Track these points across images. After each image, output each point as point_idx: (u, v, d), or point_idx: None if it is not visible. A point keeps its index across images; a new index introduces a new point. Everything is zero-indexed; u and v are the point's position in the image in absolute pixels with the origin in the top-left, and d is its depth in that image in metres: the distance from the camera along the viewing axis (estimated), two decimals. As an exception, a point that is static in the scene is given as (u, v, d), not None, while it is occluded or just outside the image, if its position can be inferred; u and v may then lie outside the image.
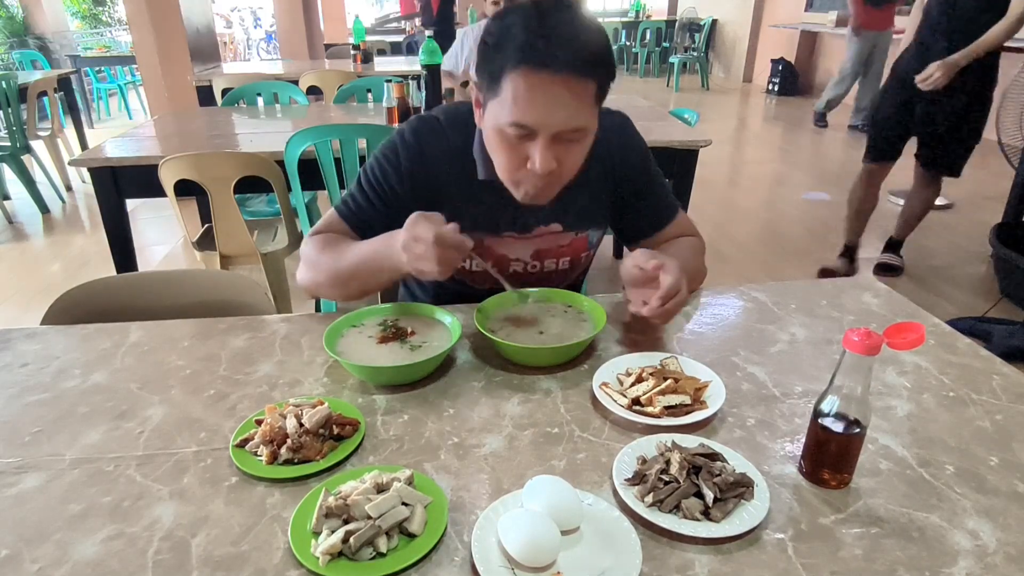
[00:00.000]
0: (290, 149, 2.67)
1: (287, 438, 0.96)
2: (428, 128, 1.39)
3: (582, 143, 1.23)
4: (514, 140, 1.19)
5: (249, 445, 0.98)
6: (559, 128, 1.17)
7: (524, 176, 1.24)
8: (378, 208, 1.38)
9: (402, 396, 1.12)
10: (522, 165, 1.22)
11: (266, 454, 0.95)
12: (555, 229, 1.45)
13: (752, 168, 6.48)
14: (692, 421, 1.02)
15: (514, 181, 1.26)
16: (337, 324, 1.24)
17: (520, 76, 1.14)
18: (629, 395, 1.07)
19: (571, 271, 1.53)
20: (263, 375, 1.18)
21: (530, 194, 1.27)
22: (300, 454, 0.96)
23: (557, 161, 1.20)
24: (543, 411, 1.07)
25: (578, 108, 1.17)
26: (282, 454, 0.95)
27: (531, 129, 1.17)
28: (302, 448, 0.96)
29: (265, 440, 0.97)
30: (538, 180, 1.23)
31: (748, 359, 1.22)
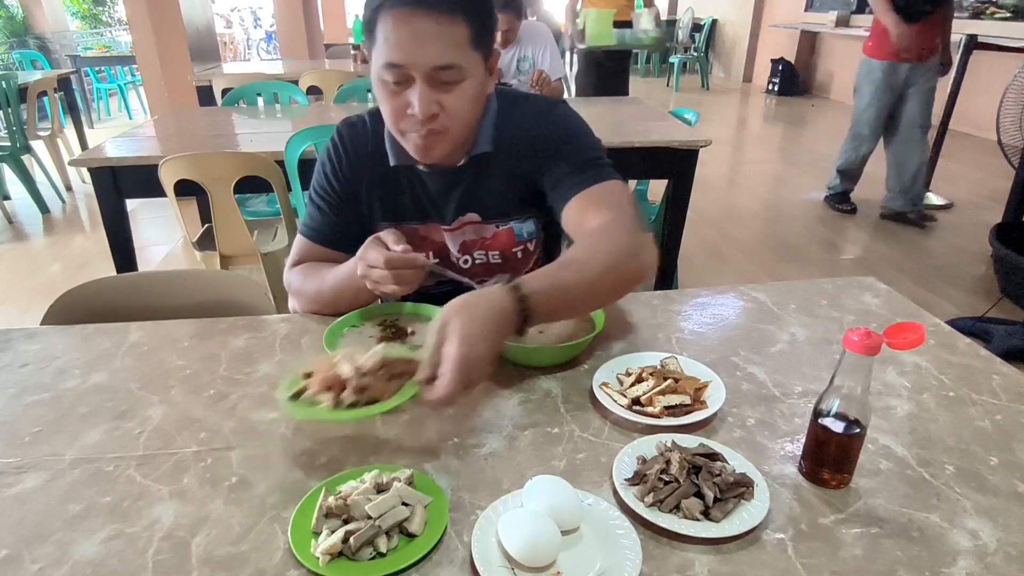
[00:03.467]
0: (290, 149, 2.67)
1: (345, 384, 0.95)
2: (350, 127, 1.44)
3: (462, 87, 1.22)
4: (393, 87, 1.21)
5: (304, 397, 0.97)
6: (430, 64, 1.17)
7: (407, 125, 1.24)
8: (333, 217, 1.43)
9: (402, 396, 1.11)
10: (403, 114, 1.23)
11: (329, 399, 0.95)
12: (473, 219, 1.44)
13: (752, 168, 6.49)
14: (692, 421, 1.02)
15: (400, 132, 1.28)
16: (337, 324, 1.24)
17: (389, 15, 1.16)
18: (629, 395, 1.07)
19: (508, 267, 1.49)
20: (263, 375, 1.18)
21: (420, 146, 1.26)
22: (366, 395, 0.94)
23: (439, 105, 1.21)
24: (543, 411, 1.07)
25: (448, 45, 1.17)
26: (345, 399, 0.94)
27: (404, 68, 1.18)
28: (367, 389, 0.95)
29: (324, 388, 0.96)
30: (421, 127, 1.23)
31: (748, 359, 1.22)
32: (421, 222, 1.45)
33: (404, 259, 1.17)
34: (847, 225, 4.77)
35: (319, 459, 0.97)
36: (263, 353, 1.25)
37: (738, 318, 1.38)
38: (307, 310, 1.40)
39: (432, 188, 1.41)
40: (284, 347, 1.27)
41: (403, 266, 1.17)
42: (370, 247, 1.20)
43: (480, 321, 0.96)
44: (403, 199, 1.43)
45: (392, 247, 1.19)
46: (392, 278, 1.17)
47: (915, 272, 4.01)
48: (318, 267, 1.40)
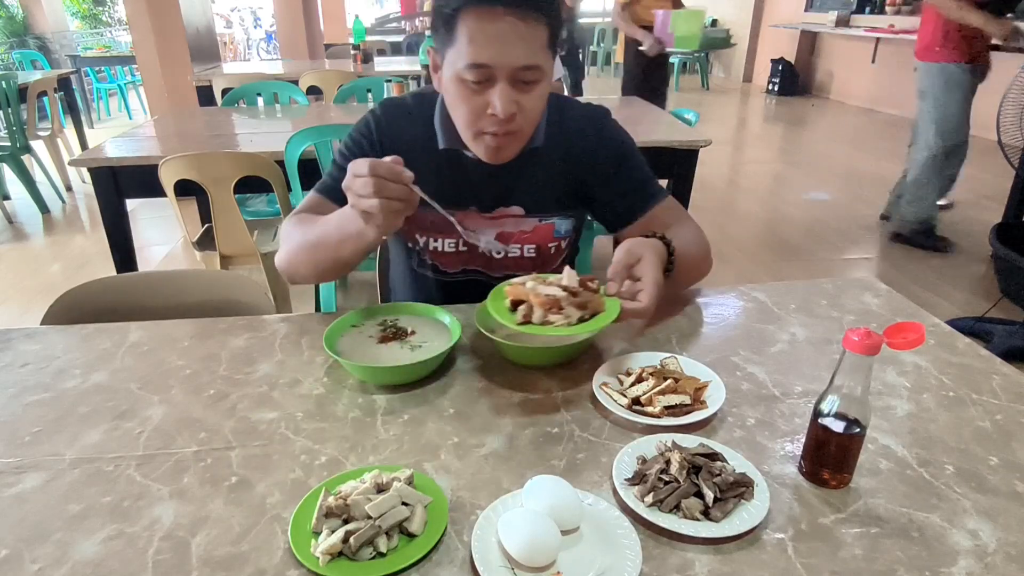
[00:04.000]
0: (290, 149, 2.67)
1: (559, 303, 1.09)
2: (395, 105, 1.45)
3: (539, 86, 1.26)
4: (473, 87, 1.23)
5: (535, 319, 1.09)
6: (516, 64, 1.20)
7: (485, 124, 1.26)
8: None
9: (402, 396, 1.12)
10: (482, 113, 1.25)
11: (560, 321, 1.08)
12: (516, 212, 1.46)
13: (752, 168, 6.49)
14: (692, 421, 1.02)
15: (475, 133, 1.29)
16: (337, 324, 1.24)
17: (473, 14, 1.18)
18: (629, 395, 1.07)
19: (539, 261, 1.51)
20: (263, 375, 1.18)
21: (492, 147, 1.29)
22: (589, 309, 1.10)
23: (517, 105, 1.23)
24: (543, 411, 1.07)
25: (532, 46, 1.20)
26: (573, 315, 1.09)
27: (489, 68, 1.20)
28: (587, 305, 1.10)
29: (547, 308, 1.09)
30: (499, 128, 1.25)
31: (748, 359, 1.22)
32: (459, 208, 1.43)
33: (390, 168, 1.09)
34: (847, 226, 4.77)
35: (319, 459, 0.97)
36: (263, 353, 1.25)
37: (738, 318, 1.38)
38: (286, 260, 1.35)
39: (477, 175, 1.41)
40: (284, 347, 1.27)
41: (389, 176, 1.09)
42: (360, 160, 1.11)
43: (660, 259, 1.21)
44: (444, 183, 1.41)
45: None
46: (374, 186, 1.08)
47: (915, 272, 4.01)
48: (313, 217, 1.36)
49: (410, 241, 1.50)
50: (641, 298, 1.14)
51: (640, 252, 1.19)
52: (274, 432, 1.03)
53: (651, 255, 1.18)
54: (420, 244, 1.49)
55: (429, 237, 1.48)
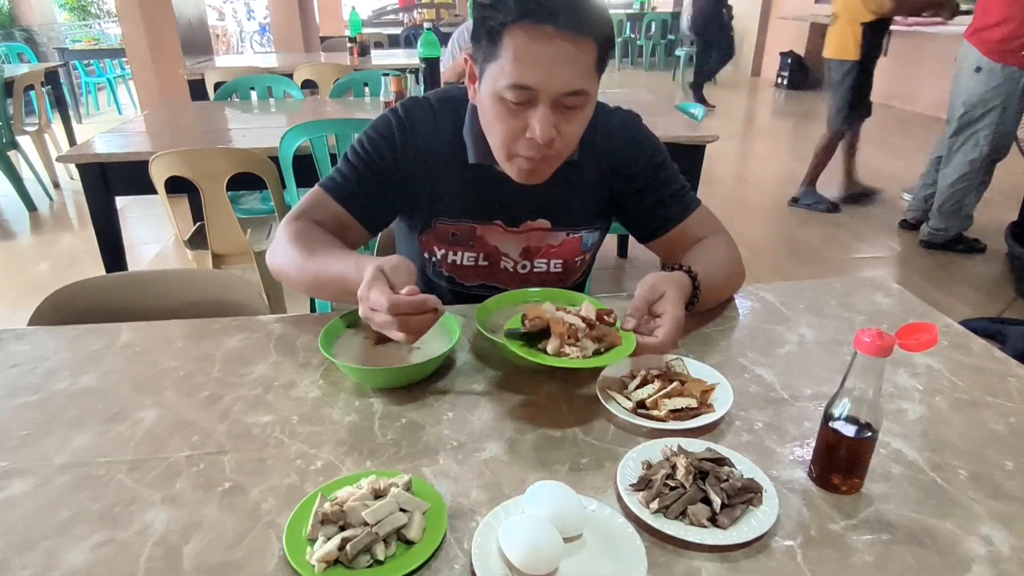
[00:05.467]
0: (284, 145, 2.68)
1: (576, 333, 1.10)
2: (420, 108, 1.40)
3: (582, 112, 1.23)
4: (513, 107, 1.19)
5: (550, 348, 1.09)
6: (561, 89, 1.17)
7: (522, 147, 1.24)
8: (368, 182, 1.38)
9: (400, 399, 1.12)
10: (520, 135, 1.22)
11: (575, 353, 1.07)
12: (543, 225, 1.45)
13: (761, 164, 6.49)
14: (698, 425, 1.03)
15: (509, 154, 1.26)
16: (333, 325, 1.24)
17: (521, 31, 1.14)
18: (634, 398, 1.07)
19: (564, 276, 1.52)
20: (257, 376, 1.18)
21: (525, 169, 1.27)
22: (605, 342, 1.10)
23: (556, 130, 1.20)
24: (545, 414, 1.08)
25: (580, 69, 1.17)
26: (589, 346, 1.09)
27: (532, 91, 1.17)
28: (603, 338, 1.10)
29: (565, 340, 1.08)
30: (536, 152, 1.23)
31: (756, 361, 1.23)
32: (483, 221, 1.43)
33: (411, 304, 1.02)
34: (858, 224, 4.77)
35: (314, 464, 0.97)
36: (257, 354, 1.25)
37: (746, 318, 1.38)
38: (280, 271, 1.31)
39: (506, 189, 1.37)
40: (279, 348, 1.27)
41: (411, 312, 1.03)
42: (373, 285, 1.04)
43: (683, 294, 1.20)
44: (470, 196, 1.41)
45: (398, 288, 1.06)
46: (397, 325, 1.03)
47: (928, 271, 4.01)
48: (315, 234, 1.31)
49: (428, 252, 1.49)
50: (659, 334, 1.13)
51: (662, 288, 1.18)
52: (268, 436, 1.03)
53: (674, 292, 1.18)
54: (438, 256, 1.48)
55: (449, 250, 1.47)
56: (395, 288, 1.05)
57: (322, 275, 1.22)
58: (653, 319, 1.16)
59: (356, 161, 1.38)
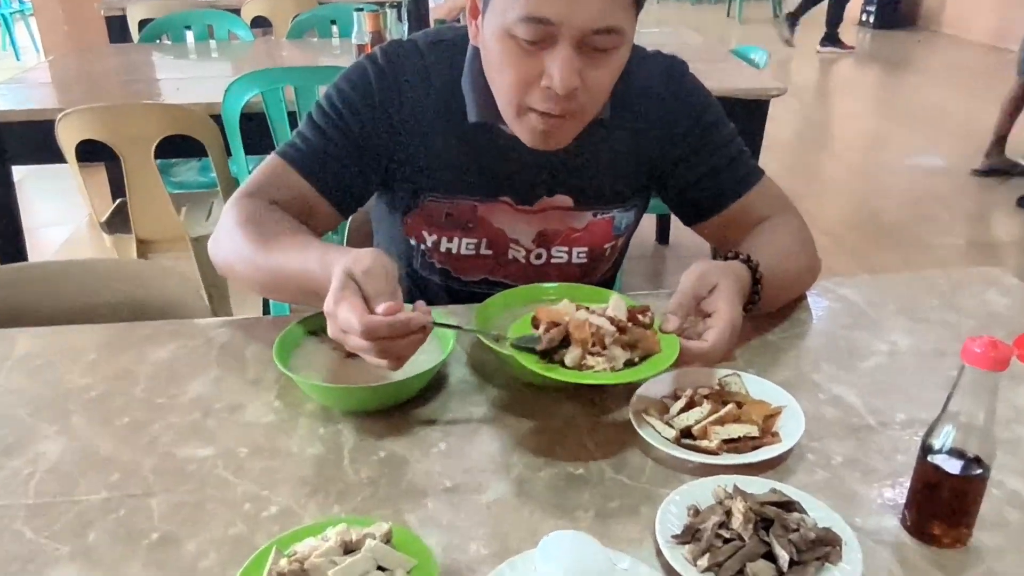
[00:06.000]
0: (230, 100, 2.68)
1: (603, 339, 1.07)
2: (404, 54, 1.39)
3: (614, 56, 1.22)
4: (526, 47, 1.18)
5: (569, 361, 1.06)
6: (588, 25, 1.15)
7: (536, 99, 1.21)
8: (339, 147, 1.36)
9: (378, 426, 1.12)
10: (534, 84, 1.20)
11: (601, 365, 1.05)
12: (564, 204, 1.45)
13: (840, 124, 6.48)
14: (760, 459, 1.02)
15: (520, 110, 1.25)
16: (292, 331, 1.24)
17: None
18: (678, 424, 1.07)
19: (590, 268, 1.52)
20: (194, 397, 1.18)
21: (540, 129, 1.25)
22: (639, 349, 1.09)
23: (581, 78, 1.19)
24: (564, 445, 1.08)
25: (614, 2, 1.16)
26: (619, 356, 1.07)
27: (551, 25, 1.14)
28: (637, 344, 1.09)
29: (588, 348, 1.06)
30: (554, 106, 1.21)
31: (834, 377, 1.22)
32: (487, 198, 1.43)
33: (391, 327, 0.98)
34: (965, 200, 4.75)
35: (267, 508, 0.97)
36: (194, 368, 1.25)
37: (821, 322, 1.38)
38: (225, 264, 1.32)
39: (516, 157, 1.38)
40: (223, 360, 1.27)
41: (390, 335, 0.99)
42: (342, 300, 1.00)
43: (741, 290, 1.19)
44: (469, 165, 1.41)
45: (373, 301, 1.01)
46: (375, 351, 1.00)
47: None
48: (271, 218, 1.29)
49: (414, 238, 1.49)
50: (709, 338, 1.11)
51: (714, 279, 1.17)
52: (208, 473, 1.03)
53: (729, 285, 1.17)
54: (428, 243, 1.47)
55: (442, 236, 1.46)
56: (370, 301, 1.01)
57: (279, 272, 1.21)
58: (702, 319, 1.16)
59: (323, 122, 1.38)
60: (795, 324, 1.37)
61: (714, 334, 1.11)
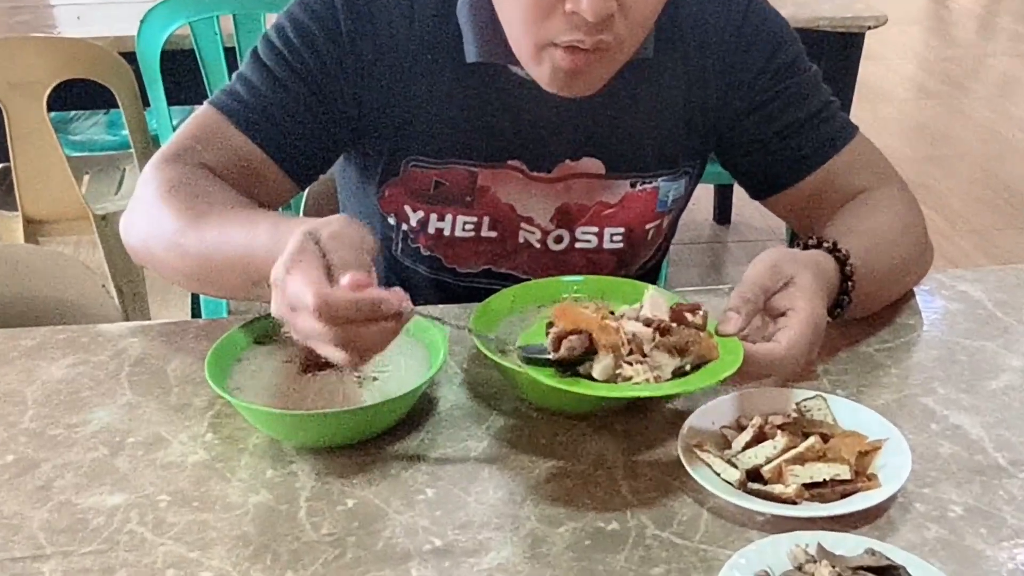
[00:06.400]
0: (147, 33, 2.68)
1: (641, 344, 1.06)
2: None
3: None
4: None
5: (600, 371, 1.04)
6: None
7: (558, 29, 1.20)
8: (294, 95, 1.36)
9: (345, 466, 1.12)
10: (554, 10, 1.19)
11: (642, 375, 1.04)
12: (593, 170, 1.45)
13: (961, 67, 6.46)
14: (853, 510, 1.02)
15: (537, 46, 1.23)
16: (231, 339, 1.24)
17: None
18: (743, 464, 1.07)
19: (626, 255, 1.52)
20: (100, 429, 1.18)
21: (564, 69, 1.24)
22: (692, 355, 1.08)
23: (617, 3, 1.17)
24: (591, 493, 1.08)
25: None
26: (665, 364, 1.06)
27: None
28: (687, 348, 1.07)
29: (623, 355, 1.05)
30: (582, 37, 1.19)
31: (952, 401, 1.22)
32: (490, 162, 1.43)
33: (356, 304, 0.95)
34: None
35: (198, 575, 0.98)
36: (100, 390, 1.25)
37: (934, 328, 1.38)
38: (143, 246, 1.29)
39: (530, 108, 1.38)
40: (137, 380, 1.27)
41: (356, 317, 0.95)
42: (297, 263, 0.97)
43: (825, 285, 1.20)
44: (468, 119, 1.41)
45: (338, 272, 0.98)
46: (333, 336, 0.95)
47: None
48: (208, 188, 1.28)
49: (394, 216, 1.49)
50: (781, 339, 1.11)
51: (789, 271, 1.17)
52: (120, 530, 1.03)
53: (808, 280, 1.17)
54: (412, 222, 1.48)
55: (431, 213, 1.46)
56: (334, 272, 0.98)
57: (214, 257, 1.19)
58: (773, 320, 1.16)
59: (272, 62, 1.37)
60: (899, 331, 1.37)
61: (789, 335, 1.11)
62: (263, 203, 1.32)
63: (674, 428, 1.13)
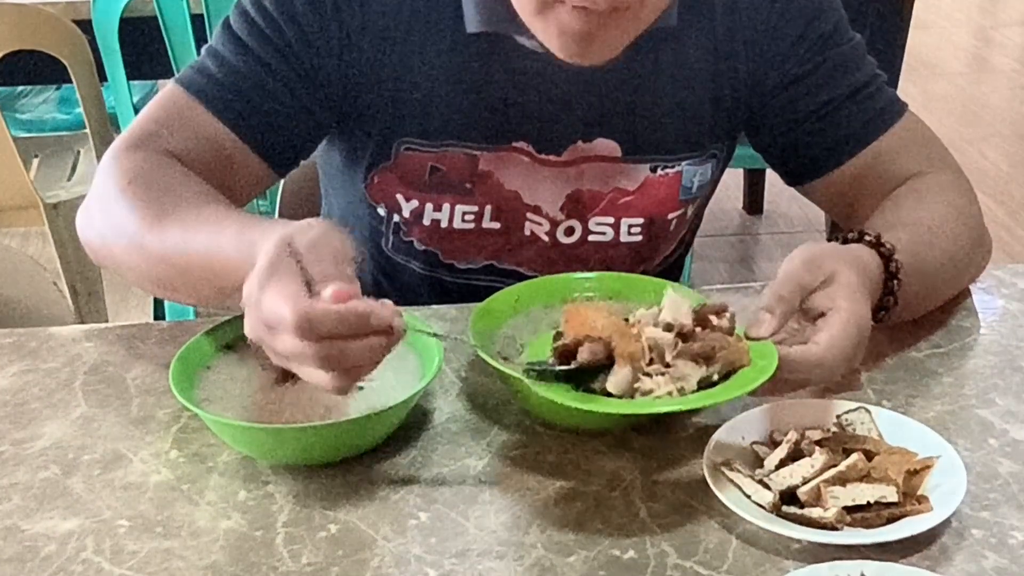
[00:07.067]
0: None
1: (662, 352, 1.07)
2: None
3: None
4: None
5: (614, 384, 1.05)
6: None
7: None
8: (271, 72, 1.36)
9: (327, 487, 1.12)
10: None
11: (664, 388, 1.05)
12: (608, 151, 1.45)
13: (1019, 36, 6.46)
14: (901, 536, 1.02)
15: (544, 3, 1.22)
16: (198, 345, 1.24)
17: None
18: (776, 484, 1.07)
19: (646, 249, 1.52)
20: (51, 445, 1.18)
21: (574, 32, 1.23)
22: (720, 362, 1.09)
23: None
24: (605, 517, 1.08)
25: None
26: (690, 374, 1.07)
27: None
28: (714, 355, 1.08)
29: (642, 366, 1.06)
30: (593, 2, 1.19)
31: (1013, 413, 1.22)
32: (493, 144, 1.43)
33: (342, 318, 0.95)
34: None
35: (161, 610, 0.98)
36: (51, 400, 1.26)
37: (991, 332, 1.38)
38: (101, 244, 1.30)
39: (538, 83, 1.39)
40: (92, 390, 1.27)
41: (343, 333, 0.95)
42: (271, 277, 0.97)
43: (869, 283, 1.20)
44: (469, 97, 1.41)
45: (318, 284, 0.98)
46: (317, 357, 0.95)
47: None
48: (174, 178, 1.28)
49: (385, 206, 1.49)
50: (821, 340, 1.11)
51: (830, 267, 1.17)
52: (74, 558, 1.03)
53: (850, 277, 1.17)
54: (405, 212, 1.48)
55: (427, 202, 1.46)
56: (313, 284, 0.98)
57: (178, 259, 1.20)
58: (811, 323, 1.16)
59: (246, 34, 1.36)
60: (952, 334, 1.37)
61: (828, 337, 1.11)
62: (237, 193, 1.33)
63: (699, 444, 1.13)
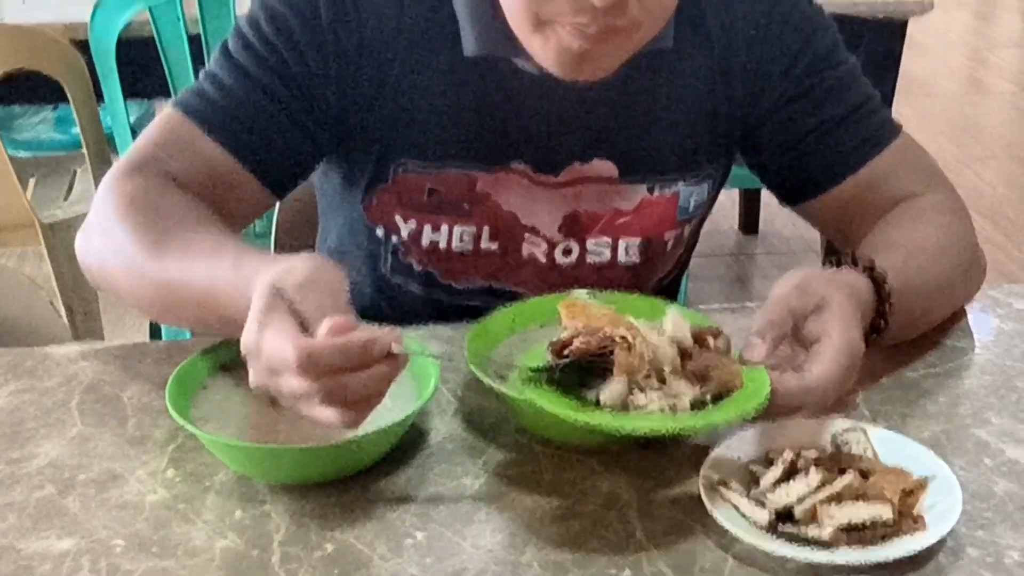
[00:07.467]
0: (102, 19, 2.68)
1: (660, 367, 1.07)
2: None
3: None
4: None
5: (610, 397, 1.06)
6: None
7: (561, 9, 1.20)
8: (269, 95, 1.36)
9: (324, 507, 1.12)
10: None
11: (658, 399, 1.06)
12: (605, 172, 1.45)
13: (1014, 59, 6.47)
14: (896, 555, 1.02)
15: (539, 21, 1.23)
16: (194, 365, 1.24)
17: None
18: (772, 504, 1.07)
19: (643, 269, 1.52)
20: (47, 465, 1.18)
21: (570, 51, 1.24)
22: (716, 382, 1.10)
23: None
24: (601, 535, 1.08)
25: None
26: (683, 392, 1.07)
27: None
28: (709, 374, 1.10)
29: (638, 380, 1.06)
30: (591, 20, 1.19)
31: (1008, 432, 1.22)
32: (491, 166, 1.43)
33: (344, 351, 0.95)
34: None
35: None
36: (47, 419, 1.26)
37: (987, 351, 1.38)
38: (98, 268, 1.33)
39: (536, 105, 1.39)
40: (89, 409, 1.27)
41: (344, 366, 0.95)
42: (268, 324, 0.98)
43: (860, 307, 1.19)
44: (468, 119, 1.41)
45: (312, 323, 0.99)
46: (322, 394, 0.95)
47: None
48: (174, 203, 1.28)
49: (383, 228, 1.49)
50: (813, 368, 1.12)
51: (820, 291, 1.17)
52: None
53: (841, 301, 1.17)
54: (403, 234, 1.48)
55: (425, 223, 1.46)
56: (308, 324, 0.99)
57: (176, 287, 1.21)
58: (803, 350, 1.16)
59: (244, 58, 1.37)
60: (947, 354, 1.37)
61: (820, 366, 1.11)
62: (236, 216, 1.33)
63: (695, 463, 1.12)
